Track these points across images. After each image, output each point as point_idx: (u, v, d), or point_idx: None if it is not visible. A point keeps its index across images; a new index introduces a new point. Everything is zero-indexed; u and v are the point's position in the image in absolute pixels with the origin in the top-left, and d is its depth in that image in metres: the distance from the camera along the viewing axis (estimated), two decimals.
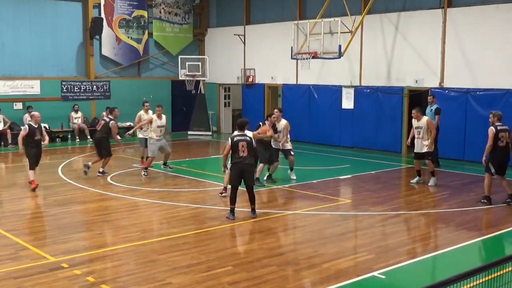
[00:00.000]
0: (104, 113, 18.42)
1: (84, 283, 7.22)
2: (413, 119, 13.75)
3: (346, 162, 17.19)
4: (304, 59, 18.54)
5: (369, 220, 10.59)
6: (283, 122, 14.18)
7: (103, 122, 15.11)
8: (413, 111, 13.75)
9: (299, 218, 10.86)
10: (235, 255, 8.38)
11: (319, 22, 18.04)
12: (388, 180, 14.60)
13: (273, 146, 13.76)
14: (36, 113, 13.48)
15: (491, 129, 11.56)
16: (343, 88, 20.41)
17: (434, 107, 15.92)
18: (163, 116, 15.17)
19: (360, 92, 19.89)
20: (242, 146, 10.32)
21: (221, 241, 9.12)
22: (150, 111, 16.34)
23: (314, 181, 14.08)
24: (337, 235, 9.52)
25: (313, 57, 18.21)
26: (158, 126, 14.91)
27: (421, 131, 13.47)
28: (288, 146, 14.23)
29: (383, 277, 7.54)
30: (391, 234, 9.68)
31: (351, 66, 20.10)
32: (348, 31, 17.96)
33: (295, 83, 22.26)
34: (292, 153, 14.23)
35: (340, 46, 17.47)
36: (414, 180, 13.95)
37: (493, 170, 11.56)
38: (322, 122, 21.14)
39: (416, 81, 18.44)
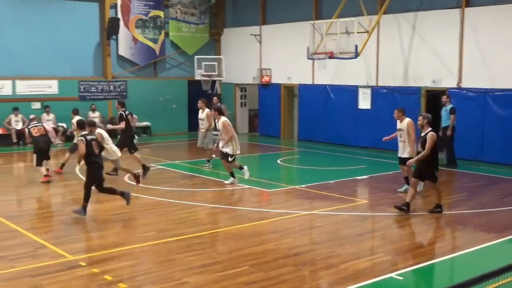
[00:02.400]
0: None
1: (102, 282, 7.26)
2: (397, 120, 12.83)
3: (362, 163, 17.11)
4: (320, 59, 18.49)
5: (386, 221, 10.53)
6: (222, 119, 13.65)
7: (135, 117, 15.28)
8: (394, 111, 12.82)
9: (316, 218, 10.83)
10: (252, 255, 8.37)
11: (335, 22, 17.98)
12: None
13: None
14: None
15: (432, 135, 10.67)
16: (359, 88, 20.33)
17: (449, 107, 15.97)
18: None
19: (377, 92, 19.79)
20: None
21: (237, 241, 9.11)
22: None
23: (330, 182, 14.03)
24: (354, 236, 9.47)
25: (329, 57, 18.16)
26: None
27: (402, 133, 12.49)
28: (226, 149, 13.44)
29: (401, 278, 7.48)
30: (408, 235, 9.62)
31: (368, 66, 20.02)
32: (365, 31, 17.89)
33: (311, 83, 22.21)
34: (230, 159, 13.45)
35: (356, 46, 17.40)
36: (402, 189, 12.72)
37: (436, 174, 10.85)
38: (339, 122, 21.07)
39: (434, 81, 18.31)
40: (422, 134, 10.94)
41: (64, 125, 21.52)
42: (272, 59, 23.66)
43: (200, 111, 16.15)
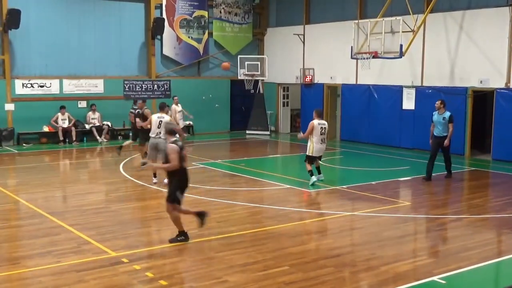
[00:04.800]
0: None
1: (143, 278, 7.36)
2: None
3: (406, 164, 16.86)
4: (364, 58, 18.30)
5: (429, 224, 10.35)
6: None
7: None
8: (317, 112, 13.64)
9: (357, 219, 10.73)
10: (292, 255, 8.34)
11: (380, 21, 17.77)
12: (449, 182, 14.23)
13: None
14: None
15: (173, 147, 8.69)
16: (404, 88, 20.03)
17: (447, 114, 14.16)
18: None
19: (422, 93, 19.47)
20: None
21: (277, 240, 9.10)
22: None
23: (372, 183, 13.87)
24: (396, 238, 9.34)
25: (373, 57, 17.96)
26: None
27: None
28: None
29: (444, 282, 7.34)
30: (452, 238, 9.43)
31: (413, 66, 19.71)
32: (410, 30, 17.62)
33: (354, 83, 22.01)
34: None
35: (401, 46, 17.15)
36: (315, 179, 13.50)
37: (181, 198, 8.83)
38: (382, 122, 20.82)
39: (481, 81, 17.89)
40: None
41: (109, 123, 21.93)
42: (315, 58, 23.55)
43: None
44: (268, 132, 24.42)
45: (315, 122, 13.35)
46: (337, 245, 8.95)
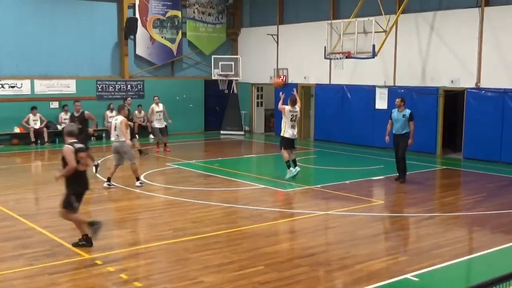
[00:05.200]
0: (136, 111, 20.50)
1: (118, 280, 7.30)
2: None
3: (379, 163, 17.02)
4: (337, 59, 18.42)
5: (403, 222, 10.47)
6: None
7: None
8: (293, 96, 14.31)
9: (331, 218, 10.80)
10: (267, 254, 8.36)
11: (353, 22, 17.90)
12: (422, 181, 14.41)
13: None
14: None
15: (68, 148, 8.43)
16: (376, 88, 20.22)
17: (408, 112, 13.75)
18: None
19: (394, 92, 19.64)
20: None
21: (252, 240, 9.12)
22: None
23: (346, 182, 13.98)
24: (370, 237, 9.42)
25: (346, 57, 18.09)
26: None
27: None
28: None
29: (417, 279, 7.43)
30: (425, 236, 9.55)
31: (385, 66, 19.90)
32: (382, 30, 17.79)
33: (328, 83, 22.14)
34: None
35: (374, 46, 17.31)
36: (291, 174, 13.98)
37: (75, 205, 8.55)
38: (355, 122, 20.98)
39: (452, 81, 18.15)
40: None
41: None
42: (289, 58, 23.64)
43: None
44: (242, 132, 24.43)
45: (287, 107, 14.04)
46: (311, 245, 8.99)
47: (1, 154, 18.53)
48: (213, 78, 24.43)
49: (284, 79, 12.24)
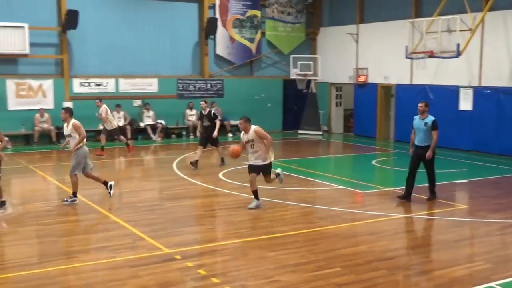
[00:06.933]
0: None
1: (196, 276, 7.41)
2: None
3: (462, 166, 16.44)
4: (419, 58, 17.96)
5: (487, 228, 10.04)
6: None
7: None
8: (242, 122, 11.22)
9: (412, 222, 10.53)
10: (344, 256, 8.25)
11: (436, 20, 17.39)
12: (508, 186, 13.78)
13: None
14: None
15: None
16: (460, 88, 19.54)
17: (430, 119, 11.74)
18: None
19: (480, 93, 18.95)
20: None
21: (330, 241, 9.02)
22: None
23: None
24: (451, 242, 9.10)
25: (429, 57, 17.62)
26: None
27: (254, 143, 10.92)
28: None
29: None
30: (511, 244, 9.12)
31: (470, 66, 19.20)
32: (468, 29, 17.18)
33: (409, 83, 21.62)
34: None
35: (458, 45, 16.76)
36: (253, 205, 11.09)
37: None
38: (439, 124, 20.28)
39: None
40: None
41: (163, 121, 22.24)
42: (369, 58, 23.27)
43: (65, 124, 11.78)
44: (320, 132, 24.29)
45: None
46: (390, 248, 8.79)
47: None
48: (291, 77, 24.43)
49: (240, 150, 9.83)
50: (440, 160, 17.66)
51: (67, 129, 11.61)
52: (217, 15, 23.52)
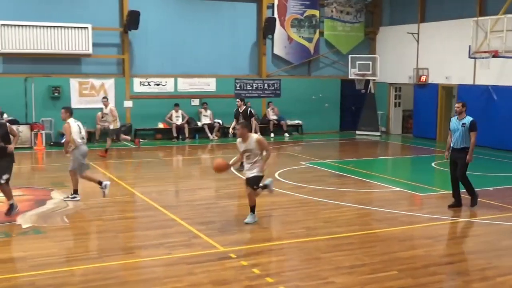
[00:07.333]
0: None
1: (250, 274, 7.43)
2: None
3: None
4: (483, 58, 17.44)
5: None
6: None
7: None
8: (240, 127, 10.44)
9: (472, 226, 10.23)
10: (401, 259, 8.09)
11: (502, 19, 16.84)
12: None
13: None
14: None
15: None
16: None
17: (469, 120, 11.09)
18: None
19: None
20: None
21: (386, 244, 8.87)
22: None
23: (489, 188, 13.13)
24: None
25: (493, 56, 17.08)
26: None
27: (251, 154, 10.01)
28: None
29: None
30: None
31: None
32: None
33: (472, 83, 21.02)
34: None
35: None
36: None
37: None
38: (502, 125, 19.70)
39: None
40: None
41: (220, 121, 22.43)
42: (430, 58, 22.76)
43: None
44: (378, 133, 23.95)
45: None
46: (449, 252, 8.58)
47: (145, 148, 19.64)
48: (349, 77, 24.19)
49: (226, 166, 9.20)
50: (502, 162, 17.17)
51: None
52: (276, 15, 23.54)
